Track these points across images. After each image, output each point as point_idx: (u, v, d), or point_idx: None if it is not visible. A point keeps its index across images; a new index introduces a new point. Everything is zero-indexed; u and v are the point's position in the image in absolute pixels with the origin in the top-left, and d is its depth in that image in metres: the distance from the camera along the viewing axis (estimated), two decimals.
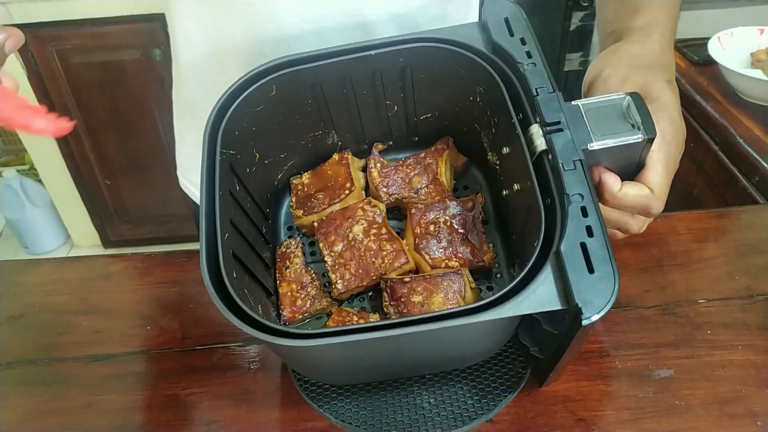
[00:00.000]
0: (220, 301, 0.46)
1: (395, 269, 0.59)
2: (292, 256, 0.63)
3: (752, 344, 0.61)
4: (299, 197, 0.67)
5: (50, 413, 0.61)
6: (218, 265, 0.48)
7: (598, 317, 0.42)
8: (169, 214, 2.07)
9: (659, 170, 0.52)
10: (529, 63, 0.54)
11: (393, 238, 0.60)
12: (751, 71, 1.15)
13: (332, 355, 0.50)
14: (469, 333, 0.49)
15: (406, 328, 0.44)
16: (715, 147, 1.17)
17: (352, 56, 0.59)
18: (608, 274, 0.43)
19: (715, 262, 0.70)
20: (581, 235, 0.45)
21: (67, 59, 1.71)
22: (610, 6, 0.66)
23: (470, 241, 0.60)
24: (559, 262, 0.44)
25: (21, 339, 0.68)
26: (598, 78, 0.58)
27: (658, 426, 0.55)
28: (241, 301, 0.47)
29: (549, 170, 0.49)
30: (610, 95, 0.52)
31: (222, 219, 0.51)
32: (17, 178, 2.12)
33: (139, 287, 0.74)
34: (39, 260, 0.82)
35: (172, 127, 0.88)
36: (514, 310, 0.44)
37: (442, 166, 0.66)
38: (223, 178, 0.54)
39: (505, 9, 0.59)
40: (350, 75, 0.61)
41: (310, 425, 0.57)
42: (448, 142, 0.67)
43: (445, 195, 0.64)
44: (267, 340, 0.45)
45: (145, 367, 0.64)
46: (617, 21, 0.63)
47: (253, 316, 0.46)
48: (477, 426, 0.56)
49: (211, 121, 0.56)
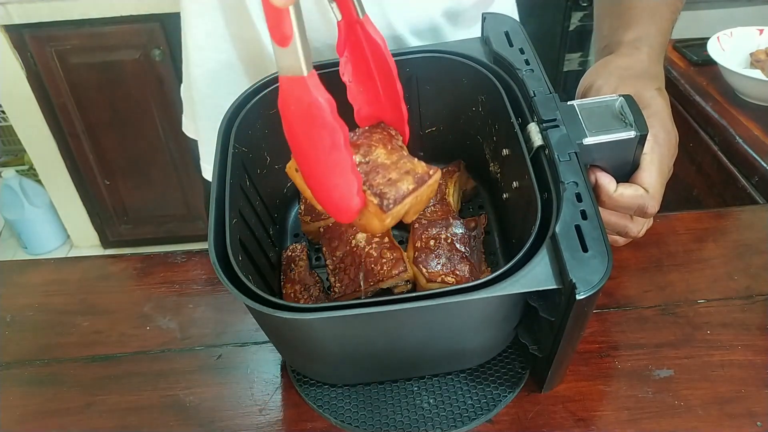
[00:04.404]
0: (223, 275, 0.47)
1: (393, 276, 0.59)
2: (297, 260, 0.64)
3: (752, 344, 0.61)
4: (308, 205, 0.69)
5: (49, 413, 0.61)
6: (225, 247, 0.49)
7: (593, 293, 0.42)
8: (169, 214, 2.07)
9: (653, 171, 0.54)
10: (527, 69, 0.57)
11: (394, 247, 0.61)
12: (751, 71, 1.15)
13: (329, 336, 0.51)
14: (465, 315, 0.50)
15: (401, 304, 0.45)
16: (714, 147, 1.17)
17: None
18: (602, 253, 0.44)
19: (714, 263, 0.70)
20: (576, 218, 0.46)
21: (67, 59, 1.71)
22: (605, 22, 0.69)
23: (469, 260, 0.60)
24: (554, 245, 0.45)
25: (20, 339, 0.68)
26: (590, 89, 0.60)
27: (658, 426, 0.55)
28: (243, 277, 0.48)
29: (546, 165, 0.51)
30: (603, 97, 0.54)
31: (231, 205, 0.53)
32: (16, 178, 2.11)
33: (138, 287, 0.74)
34: (38, 260, 0.82)
35: (172, 127, 0.89)
36: (510, 288, 0.45)
37: (451, 187, 0.67)
38: (234, 170, 0.56)
39: (505, 23, 0.62)
40: None
41: (310, 425, 0.57)
42: (459, 165, 0.69)
43: (450, 214, 0.65)
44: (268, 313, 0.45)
45: (144, 368, 0.64)
46: (610, 36, 0.66)
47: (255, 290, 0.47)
48: (476, 426, 0.56)
49: (228, 116, 0.59)
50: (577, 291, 0.42)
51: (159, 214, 2.08)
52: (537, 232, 0.48)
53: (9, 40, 1.67)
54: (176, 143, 1.87)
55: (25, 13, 1.60)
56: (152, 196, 2.02)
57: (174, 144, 1.87)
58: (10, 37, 1.66)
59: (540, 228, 0.48)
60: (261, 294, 0.47)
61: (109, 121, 1.84)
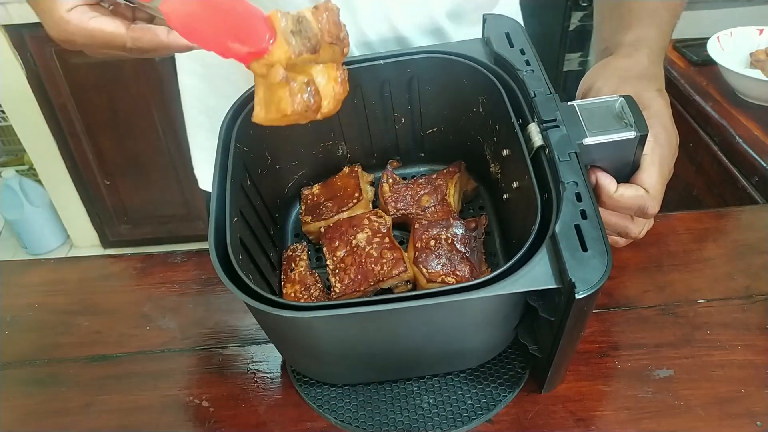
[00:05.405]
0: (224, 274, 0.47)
1: (393, 277, 0.59)
2: (297, 260, 0.64)
3: (752, 344, 0.61)
4: (308, 205, 0.69)
5: (49, 414, 0.61)
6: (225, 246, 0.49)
7: (592, 292, 0.42)
8: (168, 214, 2.07)
9: (653, 171, 0.54)
10: (527, 70, 0.57)
11: (395, 247, 0.61)
12: (751, 71, 1.15)
13: (329, 335, 0.51)
14: (465, 315, 0.50)
15: (401, 303, 0.45)
16: (714, 147, 1.17)
17: (362, 65, 0.62)
18: (601, 253, 0.44)
19: (714, 262, 0.70)
20: (575, 218, 0.46)
21: (66, 59, 1.71)
22: (606, 24, 0.69)
23: (470, 261, 0.60)
24: (554, 244, 0.45)
25: (20, 339, 0.68)
26: (590, 90, 0.60)
27: (658, 426, 0.55)
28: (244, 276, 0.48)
29: (546, 165, 0.51)
30: (604, 97, 0.54)
31: (232, 205, 0.53)
32: (16, 178, 2.11)
33: (138, 287, 0.74)
34: (38, 260, 0.82)
35: (172, 127, 0.89)
36: (509, 287, 0.45)
37: (452, 188, 0.67)
38: (235, 170, 0.56)
39: (506, 24, 0.63)
40: (360, 85, 0.64)
41: (310, 425, 0.57)
42: (460, 166, 0.69)
43: (450, 215, 0.65)
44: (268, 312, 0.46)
45: (144, 368, 0.64)
46: (610, 37, 0.66)
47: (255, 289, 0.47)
48: (476, 426, 0.56)
49: (229, 116, 0.59)
50: (577, 291, 0.42)
51: (159, 214, 2.08)
52: (537, 231, 0.48)
53: (9, 40, 1.67)
54: (176, 143, 1.86)
55: (25, 13, 1.60)
56: (152, 196, 2.02)
57: (174, 144, 1.87)
58: (10, 37, 1.66)
59: (540, 228, 0.48)
60: (261, 293, 0.47)
61: (108, 121, 1.84)
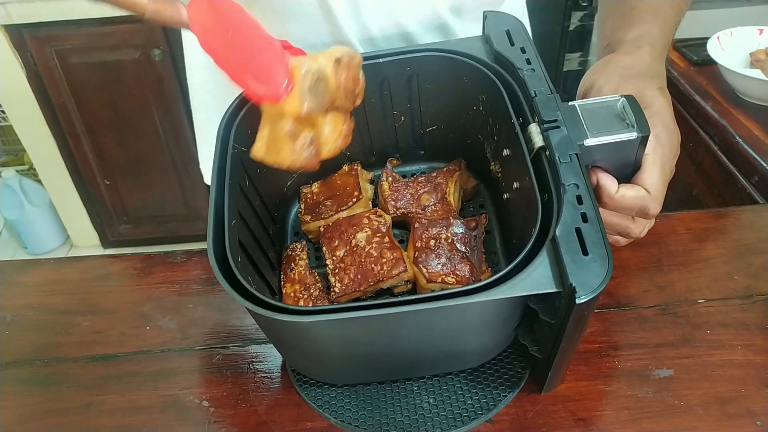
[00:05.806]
0: (223, 277, 0.47)
1: (393, 276, 0.59)
2: (297, 259, 0.64)
3: (752, 344, 0.61)
4: (308, 204, 0.69)
5: (49, 413, 0.61)
6: (224, 249, 0.49)
7: (593, 296, 0.42)
8: (168, 214, 2.07)
9: (655, 172, 0.53)
10: (528, 69, 0.57)
11: (394, 247, 0.61)
12: (751, 71, 1.15)
13: (329, 338, 0.51)
14: (465, 318, 0.50)
15: (400, 307, 0.45)
16: (714, 147, 1.17)
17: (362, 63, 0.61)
18: (602, 257, 0.44)
19: (714, 262, 0.70)
20: (576, 221, 0.46)
21: (67, 59, 1.71)
22: (608, 22, 0.68)
23: (470, 260, 0.60)
24: (554, 247, 0.45)
25: (20, 339, 0.68)
26: (591, 89, 0.60)
27: (658, 426, 0.55)
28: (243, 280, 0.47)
29: (546, 166, 0.50)
30: (605, 97, 0.54)
31: (230, 207, 0.53)
32: (16, 178, 2.12)
33: (138, 287, 0.74)
34: (38, 260, 0.82)
35: (172, 127, 0.89)
36: (510, 291, 0.44)
37: (452, 186, 0.67)
38: (233, 170, 0.55)
39: (506, 22, 0.62)
40: None
41: (310, 425, 0.57)
42: (460, 164, 0.69)
43: (450, 214, 0.64)
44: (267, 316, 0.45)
45: (144, 368, 0.64)
46: (612, 35, 0.66)
47: (254, 293, 0.47)
48: (476, 426, 0.56)
49: (227, 116, 0.59)
50: (577, 295, 0.42)
51: (159, 214, 2.08)
52: (537, 234, 0.47)
53: (9, 40, 1.67)
54: (176, 143, 1.86)
55: (25, 13, 1.60)
56: (152, 196, 2.02)
57: (174, 144, 1.87)
58: (10, 37, 1.66)
59: (540, 230, 0.48)
60: (260, 296, 0.47)
61: (108, 121, 1.84)
